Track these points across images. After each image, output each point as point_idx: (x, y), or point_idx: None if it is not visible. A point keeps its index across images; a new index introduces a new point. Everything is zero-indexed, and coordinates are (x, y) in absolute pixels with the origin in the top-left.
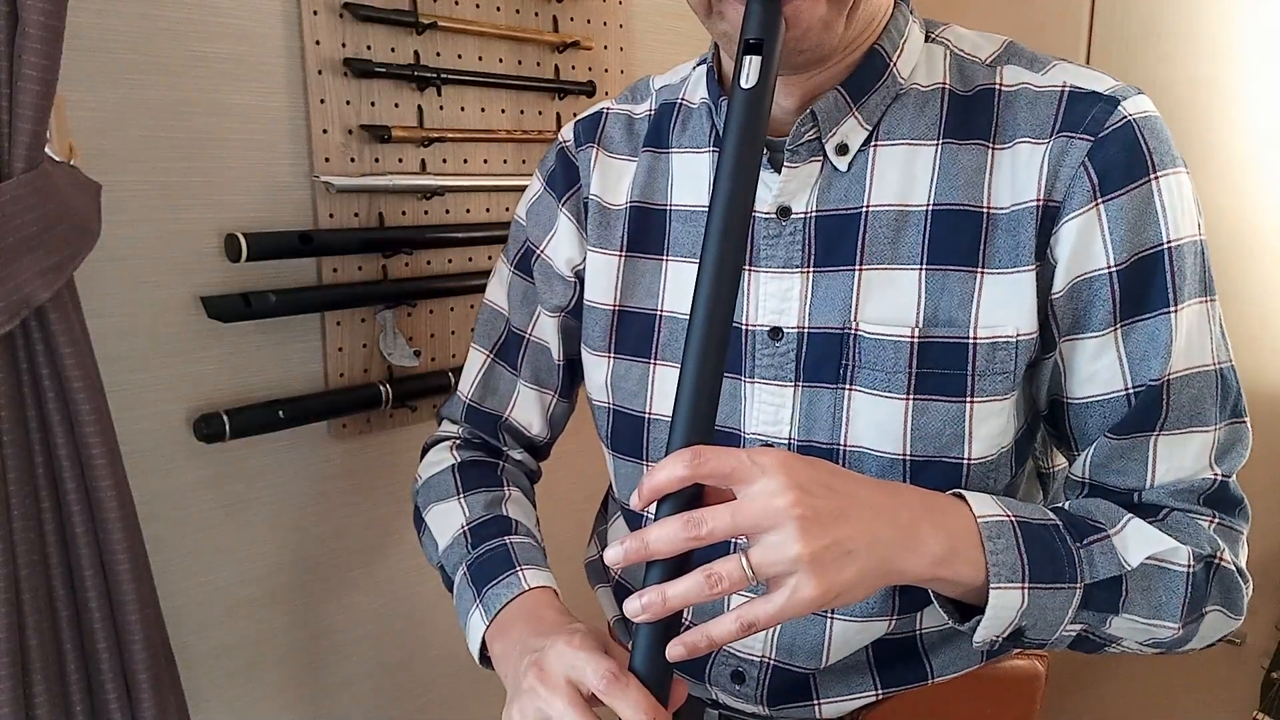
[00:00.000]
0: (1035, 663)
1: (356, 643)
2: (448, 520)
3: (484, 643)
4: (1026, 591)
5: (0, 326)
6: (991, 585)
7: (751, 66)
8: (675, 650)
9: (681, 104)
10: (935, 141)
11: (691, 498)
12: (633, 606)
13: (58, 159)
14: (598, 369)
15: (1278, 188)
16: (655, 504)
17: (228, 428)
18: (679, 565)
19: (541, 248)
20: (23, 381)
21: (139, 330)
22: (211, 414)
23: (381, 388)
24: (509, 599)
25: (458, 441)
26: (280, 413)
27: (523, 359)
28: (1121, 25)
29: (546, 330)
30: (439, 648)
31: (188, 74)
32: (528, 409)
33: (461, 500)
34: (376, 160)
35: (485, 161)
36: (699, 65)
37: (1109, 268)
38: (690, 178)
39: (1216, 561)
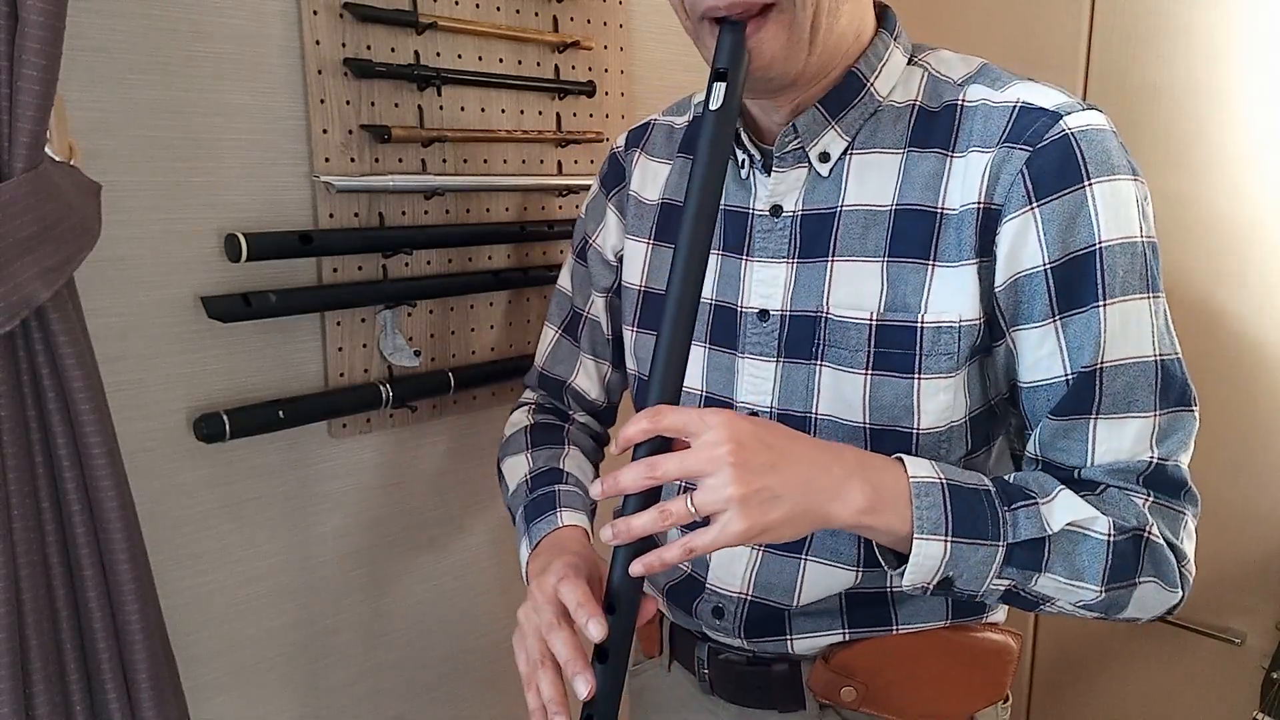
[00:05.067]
0: (1008, 638)
1: (356, 643)
2: (516, 470)
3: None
4: (949, 544)
5: (0, 326)
6: (915, 536)
7: (717, 92)
8: (636, 567)
9: None
10: (901, 151)
11: (659, 447)
12: (606, 534)
13: (58, 159)
14: (628, 341)
15: (1278, 188)
16: (633, 449)
17: (228, 428)
18: (647, 503)
19: (594, 238)
20: (23, 381)
21: (139, 330)
22: (211, 414)
23: (381, 388)
24: (547, 532)
25: (533, 406)
26: (280, 413)
27: (582, 333)
28: (1121, 25)
29: (598, 309)
30: (439, 648)
31: (188, 74)
32: (587, 377)
33: (528, 455)
34: (376, 160)
35: (485, 161)
36: None
37: (1044, 265)
38: None
39: (1145, 535)
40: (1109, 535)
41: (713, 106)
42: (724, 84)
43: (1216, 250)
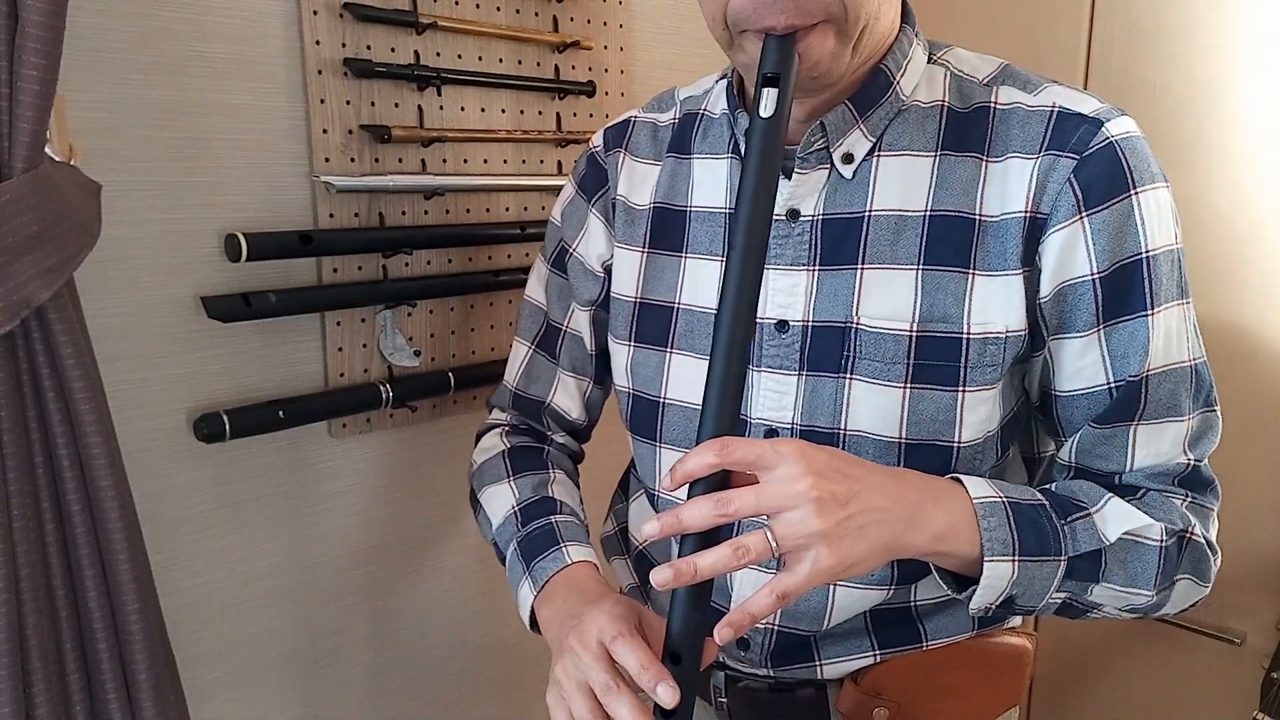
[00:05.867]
0: (1024, 640)
1: (356, 643)
2: (500, 501)
3: (533, 610)
4: (1016, 563)
5: (0, 326)
6: (985, 558)
7: (769, 98)
8: (724, 632)
9: (704, 114)
10: (934, 153)
11: (720, 481)
12: (664, 575)
13: (58, 159)
14: (620, 356)
15: (1278, 188)
16: (687, 486)
17: (228, 428)
18: (708, 543)
19: (574, 246)
20: (23, 381)
21: (139, 330)
22: (211, 414)
23: (381, 388)
24: (554, 571)
25: (506, 428)
26: (280, 413)
27: (561, 349)
28: (1121, 25)
29: (580, 322)
30: (439, 648)
31: (188, 74)
32: (567, 395)
33: (512, 483)
34: (376, 160)
35: (485, 161)
36: (720, 80)
37: (1092, 275)
38: (709, 182)
39: (1188, 536)
40: (1161, 541)
41: (764, 114)
42: (775, 90)
43: (1217, 250)
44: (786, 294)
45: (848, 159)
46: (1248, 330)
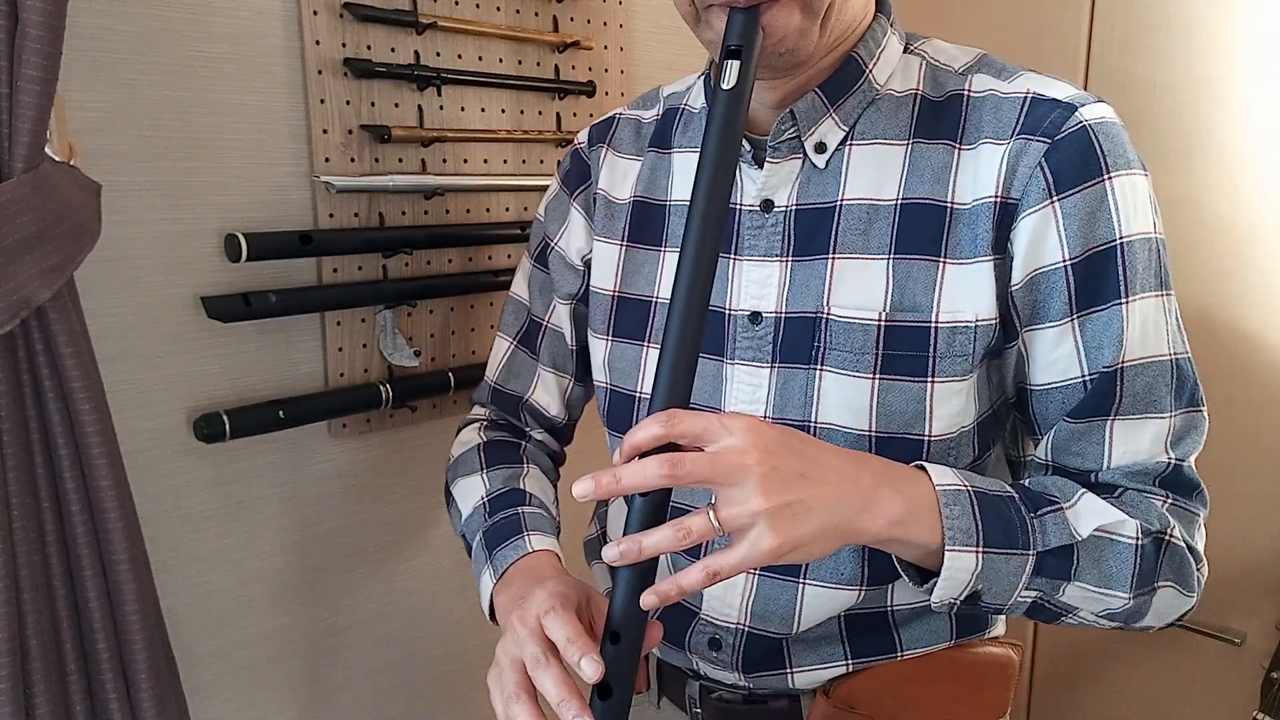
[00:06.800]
0: (1010, 651)
1: (356, 643)
2: (470, 493)
3: (492, 598)
4: (981, 555)
5: (0, 326)
6: (947, 548)
7: (731, 70)
8: (649, 599)
9: (684, 109)
10: (906, 141)
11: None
12: (611, 553)
13: (58, 159)
14: (598, 351)
15: (1278, 188)
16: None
17: (228, 428)
18: (654, 522)
19: (556, 240)
20: (23, 381)
21: (139, 330)
22: (211, 414)
23: (381, 388)
24: (514, 559)
25: (485, 423)
26: (280, 413)
27: (541, 344)
28: (1121, 25)
29: (561, 317)
30: (439, 648)
31: (188, 74)
32: (546, 391)
33: (484, 475)
34: (376, 160)
35: (485, 161)
36: (701, 76)
37: (1064, 261)
38: (688, 175)
39: (1166, 538)
40: (1137, 539)
41: (726, 85)
42: (737, 62)
43: (1217, 251)
44: (760, 285)
45: (820, 148)
46: (1247, 330)
